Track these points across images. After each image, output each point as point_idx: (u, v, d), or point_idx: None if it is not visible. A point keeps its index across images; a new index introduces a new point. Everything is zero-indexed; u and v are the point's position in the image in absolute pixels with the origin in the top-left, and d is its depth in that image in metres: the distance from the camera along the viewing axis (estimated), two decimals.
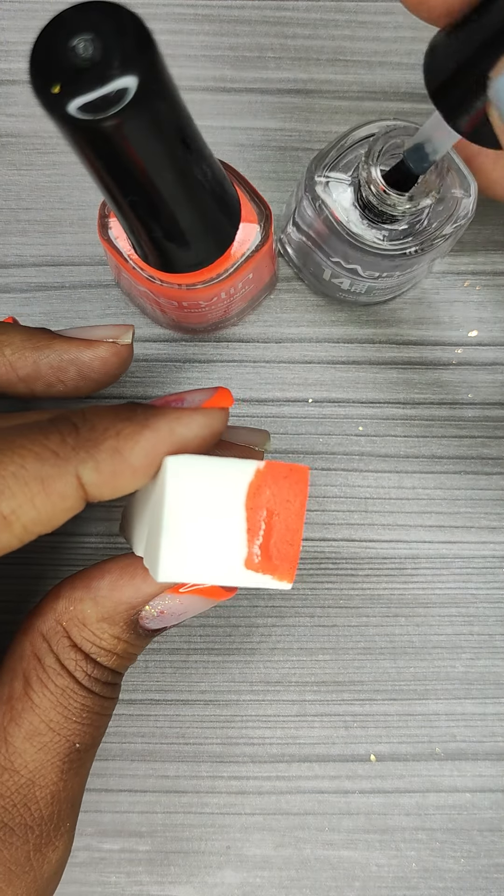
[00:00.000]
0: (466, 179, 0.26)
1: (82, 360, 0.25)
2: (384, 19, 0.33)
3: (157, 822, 0.31)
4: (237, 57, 0.33)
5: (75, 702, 0.22)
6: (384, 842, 0.31)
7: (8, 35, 0.33)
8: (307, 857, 0.31)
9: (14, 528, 0.19)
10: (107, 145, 0.17)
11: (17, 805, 0.22)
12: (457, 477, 0.32)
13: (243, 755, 0.31)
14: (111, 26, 0.15)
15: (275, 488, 0.20)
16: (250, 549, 0.20)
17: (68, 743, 0.22)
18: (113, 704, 0.24)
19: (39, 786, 0.22)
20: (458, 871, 0.31)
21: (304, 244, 0.30)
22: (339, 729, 0.31)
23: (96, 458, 0.19)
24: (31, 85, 0.16)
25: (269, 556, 0.20)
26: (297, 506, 0.20)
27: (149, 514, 0.22)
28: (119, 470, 0.20)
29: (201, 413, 0.21)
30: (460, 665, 0.32)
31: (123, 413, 0.21)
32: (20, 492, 0.19)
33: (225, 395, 0.22)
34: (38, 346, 0.25)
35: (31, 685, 0.22)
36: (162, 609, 0.23)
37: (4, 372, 0.25)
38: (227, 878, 0.31)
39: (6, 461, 0.19)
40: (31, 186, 0.32)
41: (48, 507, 0.19)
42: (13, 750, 0.22)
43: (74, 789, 0.23)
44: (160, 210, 0.21)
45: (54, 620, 0.22)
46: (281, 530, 0.20)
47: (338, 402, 0.32)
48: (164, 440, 0.20)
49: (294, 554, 0.20)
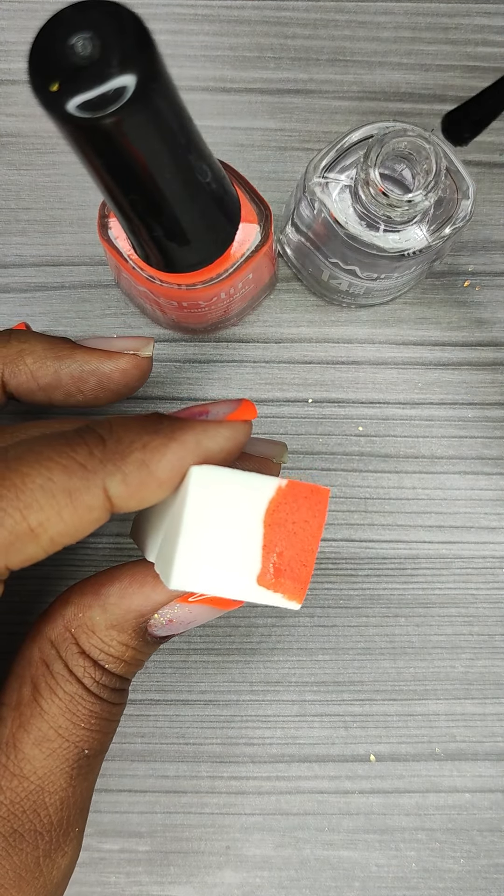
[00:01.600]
0: (465, 181, 0.26)
1: (103, 371, 0.26)
2: (384, 19, 0.33)
3: (157, 822, 0.31)
4: (237, 57, 0.33)
5: (84, 708, 0.22)
6: (384, 842, 0.31)
7: (7, 35, 0.33)
8: (307, 857, 0.31)
9: (41, 541, 0.20)
10: (105, 144, 0.17)
11: (26, 811, 0.22)
12: (457, 477, 0.32)
13: (243, 755, 0.31)
14: (110, 25, 0.15)
15: (294, 507, 0.20)
16: (264, 565, 0.20)
17: (77, 749, 0.22)
18: (121, 710, 0.24)
19: (49, 792, 0.22)
20: (458, 871, 0.31)
21: (303, 245, 0.30)
22: (339, 729, 0.31)
23: (124, 471, 0.20)
24: (30, 83, 0.16)
25: (281, 574, 0.20)
26: (314, 527, 0.20)
27: (166, 521, 0.22)
28: (146, 482, 0.20)
29: (226, 426, 0.21)
30: (460, 665, 0.32)
31: (150, 425, 0.21)
32: (48, 504, 0.19)
33: (248, 407, 0.23)
34: (60, 356, 0.25)
35: (40, 691, 0.22)
36: (171, 617, 0.22)
37: (25, 380, 0.25)
38: (226, 878, 0.31)
39: (34, 474, 0.19)
40: (30, 186, 0.32)
41: (75, 520, 0.20)
42: (22, 756, 0.22)
43: (83, 795, 0.23)
44: (159, 209, 0.21)
45: (63, 627, 0.22)
46: (296, 550, 0.20)
47: (338, 402, 0.32)
48: (191, 453, 0.20)
49: (306, 575, 0.20)
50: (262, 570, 0.20)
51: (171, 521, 0.21)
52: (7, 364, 0.25)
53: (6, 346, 0.25)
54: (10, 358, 0.25)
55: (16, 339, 0.25)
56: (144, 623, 0.22)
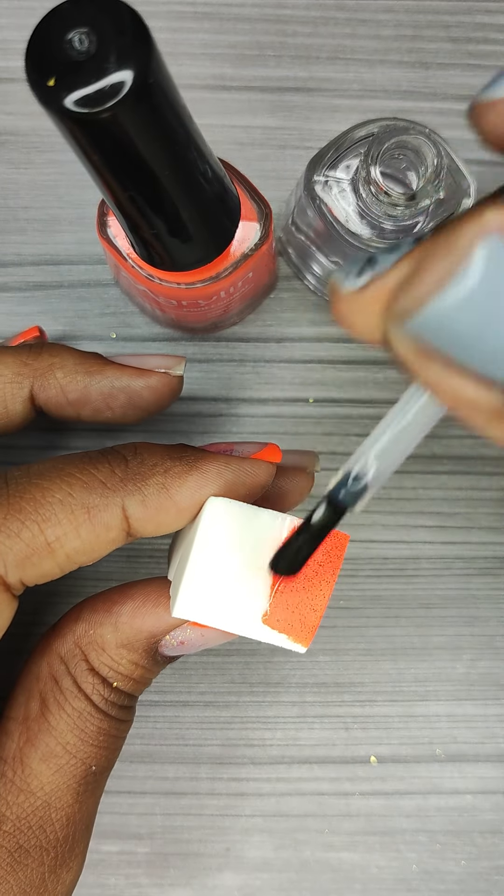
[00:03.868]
0: (466, 180, 0.26)
1: (133, 388, 0.25)
2: (385, 17, 0.33)
3: (157, 824, 0.31)
4: (237, 55, 0.33)
5: (92, 725, 0.22)
6: (384, 844, 0.31)
7: (7, 33, 0.33)
8: (307, 859, 0.31)
9: (57, 556, 0.19)
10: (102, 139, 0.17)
11: (32, 827, 0.21)
12: (457, 477, 0.32)
13: (243, 757, 0.31)
14: (107, 20, 0.15)
15: None
16: (272, 605, 0.20)
17: (84, 765, 0.22)
18: (128, 727, 0.23)
19: (55, 808, 0.22)
20: (459, 873, 0.31)
21: (304, 243, 0.29)
22: (340, 731, 0.31)
23: (143, 492, 0.20)
24: (27, 78, 0.16)
25: (288, 616, 0.20)
26: (328, 572, 0.20)
27: (183, 547, 0.22)
28: (165, 506, 0.20)
29: (249, 462, 0.21)
30: (461, 666, 0.32)
31: (174, 452, 0.21)
32: (66, 519, 0.19)
33: (274, 450, 0.22)
34: (91, 371, 0.25)
35: (48, 706, 0.22)
36: (182, 640, 0.22)
37: (55, 395, 0.25)
38: (226, 880, 0.31)
39: (54, 488, 0.19)
40: (29, 185, 0.32)
41: (92, 538, 0.20)
42: (29, 772, 0.21)
43: (89, 811, 0.23)
44: (157, 206, 0.21)
45: (73, 643, 0.22)
46: (307, 593, 0.20)
47: (338, 402, 0.32)
48: (211, 483, 0.20)
49: (315, 620, 0.20)
50: (269, 610, 0.20)
51: (185, 549, 0.21)
52: (37, 378, 0.25)
53: (37, 359, 0.25)
54: (40, 371, 0.25)
55: (47, 353, 0.25)
56: (156, 643, 0.22)
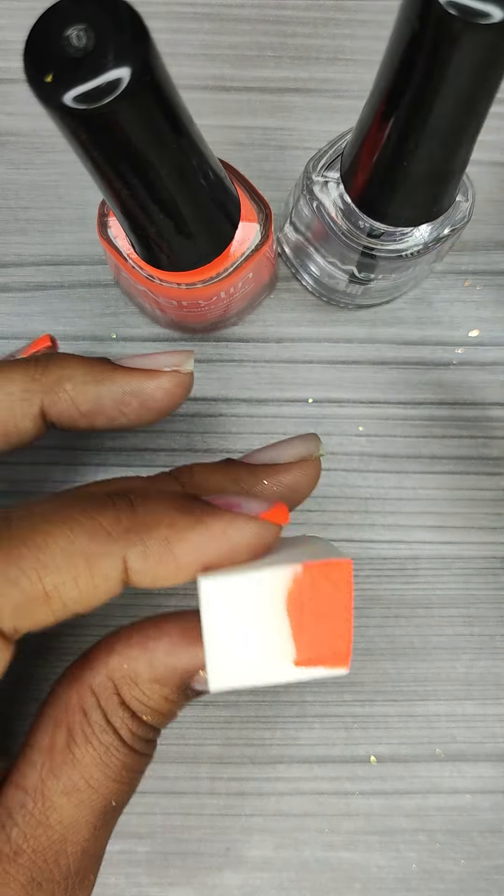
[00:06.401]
0: (465, 183, 0.26)
1: (145, 391, 0.24)
2: (385, 18, 0.33)
3: (157, 823, 0.31)
4: (237, 56, 0.33)
5: (117, 759, 0.21)
6: (384, 843, 0.31)
7: (7, 34, 0.33)
8: (307, 858, 0.31)
9: (53, 605, 0.19)
10: (100, 136, 0.17)
11: (47, 861, 0.21)
12: (457, 477, 0.32)
13: (243, 756, 0.31)
14: (105, 17, 0.15)
15: (315, 587, 0.19)
16: (299, 648, 0.19)
17: (105, 801, 0.22)
18: (149, 762, 0.23)
19: (71, 842, 0.21)
20: (459, 872, 0.31)
21: (302, 244, 0.30)
22: (339, 730, 0.31)
23: (146, 544, 0.19)
24: (25, 74, 0.16)
25: (317, 651, 0.20)
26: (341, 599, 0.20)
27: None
28: (164, 561, 0.19)
29: (256, 523, 0.20)
30: (461, 666, 0.32)
31: (182, 504, 0.20)
32: (66, 568, 0.19)
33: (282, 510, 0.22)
34: (100, 380, 0.24)
35: (75, 739, 0.21)
36: None
37: (66, 408, 0.24)
38: (226, 879, 0.31)
39: (57, 533, 0.19)
40: (29, 185, 0.32)
41: (90, 587, 0.19)
42: (50, 805, 0.21)
43: (102, 844, 0.22)
44: (157, 205, 0.21)
45: (106, 676, 0.21)
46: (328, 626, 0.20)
47: (338, 402, 0.32)
48: (215, 540, 0.20)
49: (345, 645, 0.20)
50: (297, 653, 0.19)
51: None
52: (47, 392, 0.24)
53: (45, 373, 0.24)
54: (49, 386, 0.24)
55: (55, 365, 0.24)
56: (189, 679, 0.22)
